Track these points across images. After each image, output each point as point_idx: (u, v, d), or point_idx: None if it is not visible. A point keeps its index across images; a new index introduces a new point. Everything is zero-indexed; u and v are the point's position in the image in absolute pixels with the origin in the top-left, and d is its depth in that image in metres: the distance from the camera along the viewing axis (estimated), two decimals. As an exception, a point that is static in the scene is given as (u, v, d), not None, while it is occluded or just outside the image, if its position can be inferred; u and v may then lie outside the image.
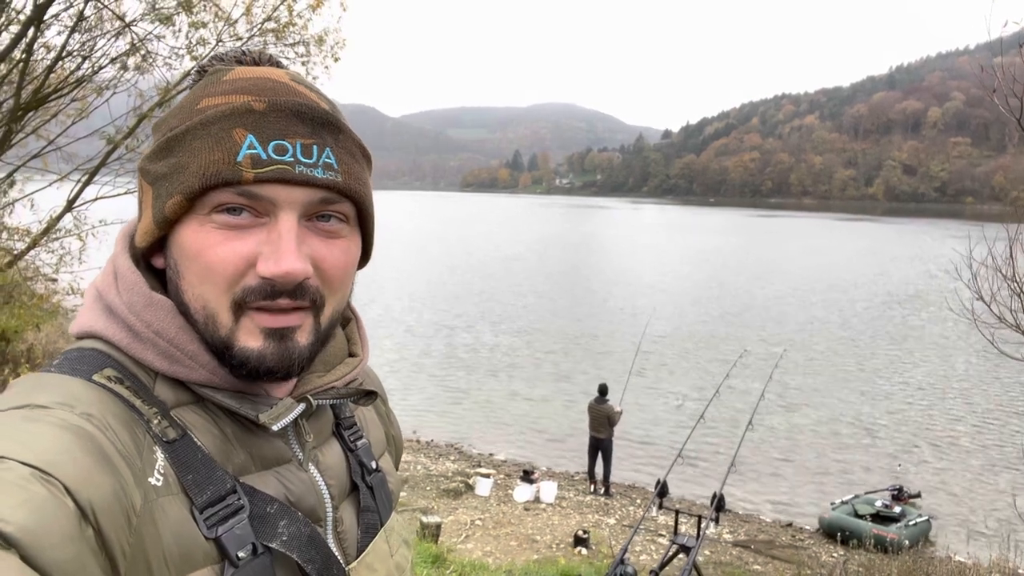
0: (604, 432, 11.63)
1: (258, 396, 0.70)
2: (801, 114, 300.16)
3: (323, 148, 0.68)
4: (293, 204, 0.66)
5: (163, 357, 0.67)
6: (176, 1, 8.58)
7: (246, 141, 0.65)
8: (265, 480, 0.69)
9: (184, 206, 0.65)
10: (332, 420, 0.82)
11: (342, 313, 0.75)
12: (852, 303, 32.50)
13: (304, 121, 0.67)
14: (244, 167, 0.64)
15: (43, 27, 8.15)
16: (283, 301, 0.65)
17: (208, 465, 0.65)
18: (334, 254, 0.69)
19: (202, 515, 0.62)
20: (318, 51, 10.00)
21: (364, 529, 0.78)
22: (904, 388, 18.95)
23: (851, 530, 10.18)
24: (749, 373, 15.90)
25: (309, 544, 0.67)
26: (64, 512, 0.51)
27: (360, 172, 0.72)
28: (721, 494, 4.54)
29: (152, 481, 0.60)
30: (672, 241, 69.89)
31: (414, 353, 21.13)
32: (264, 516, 0.65)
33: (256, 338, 0.66)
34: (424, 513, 8.81)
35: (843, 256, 56.51)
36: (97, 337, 0.69)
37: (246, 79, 0.69)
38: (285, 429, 0.73)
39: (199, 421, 0.67)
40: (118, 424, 0.60)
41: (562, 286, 36.12)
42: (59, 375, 0.63)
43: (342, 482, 0.78)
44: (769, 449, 14.03)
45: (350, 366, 0.80)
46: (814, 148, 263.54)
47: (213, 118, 0.66)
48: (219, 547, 0.62)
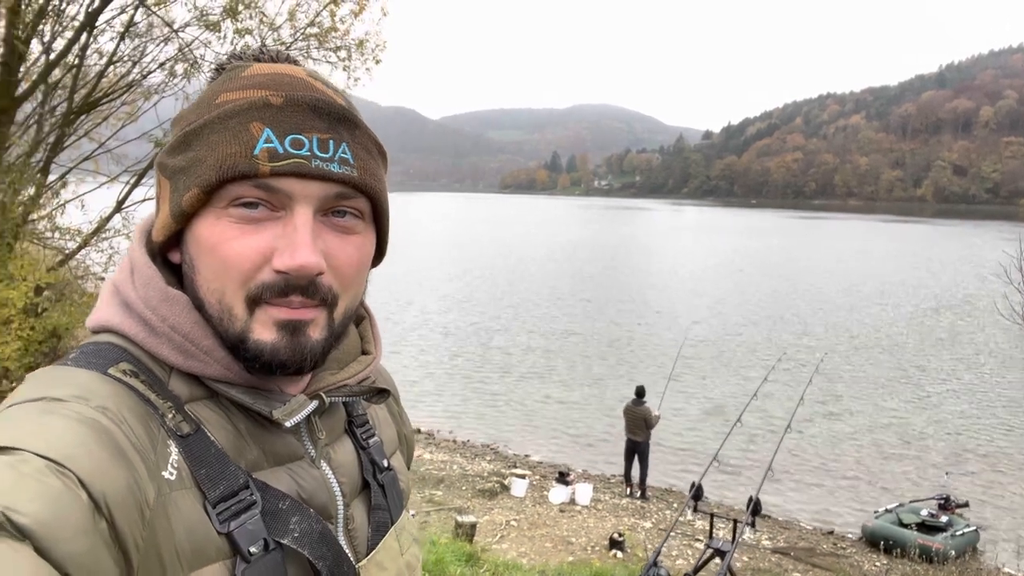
0: (641, 435, 11.54)
1: (272, 393, 0.70)
2: (846, 114, 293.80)
3: (339, 143, 0.68)
4: (309, 198, 0.66)
5: (178, 352, 0.67)
6: (221, 8, 8.79)
7: (263, 135, 0.65)
8: (278, 476, 0.69)
9: (201, 199, 0.66)
10: (344, 418, 0.82)
11: (356, 311, 0.75)
12: (897, 307, 31.70)
13: (321, 116, 0.68)
14: (261, 160, 0.64)
15: (95, 33, 8.42)
16: (295, 298, 0.65)
17: (221, 460, 0.65)
18: (348, 250, 0.69)
19: (215, 510, 0.62)
20: (359, 55, 10.14)
21: (375, 527, 0.78)
22: (952, 395, 18.40)
23: (895, 539, 9.93)
24: (788, 378, 15.64)
25: (321, 541, 0.67)
26: (78, 505, 0.51)
27: (376, 168, 0.72)
28: (757, 498, 4.47)
29: (165, 475, 0.60)
30: (711, 243, 69.00)
31: (451, 354, 21.24)
32: (276, 512, 0.66)
33: (270, 331, 0.66)
34: (459, 512, 8.86)
35: (889, 259, 55.15)
36: (113, 331, 0.69)
37: (264, 75, 0.70)
38: (298, 426, 0.74)
39: (213, 416, 0.67)
40: (133, 418, 0.61)
41: (599, 288, 35.94)
42: (75, 368, 0.63)
43: (354, 480, 0.78)
44: (810, 455, 13.77)
45: (363, 364, 0.80)
46: (860, 148, 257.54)
47: (231, 112, 0.67)
48: (231, 542, 0.62)
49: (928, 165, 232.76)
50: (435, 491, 10.66)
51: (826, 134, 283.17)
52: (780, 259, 53.20)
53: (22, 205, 8.35)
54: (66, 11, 8.17)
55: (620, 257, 53.37)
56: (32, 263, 7.74)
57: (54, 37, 8.13)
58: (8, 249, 7.77)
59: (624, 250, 60.15)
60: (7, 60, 6.91)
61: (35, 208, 8.36)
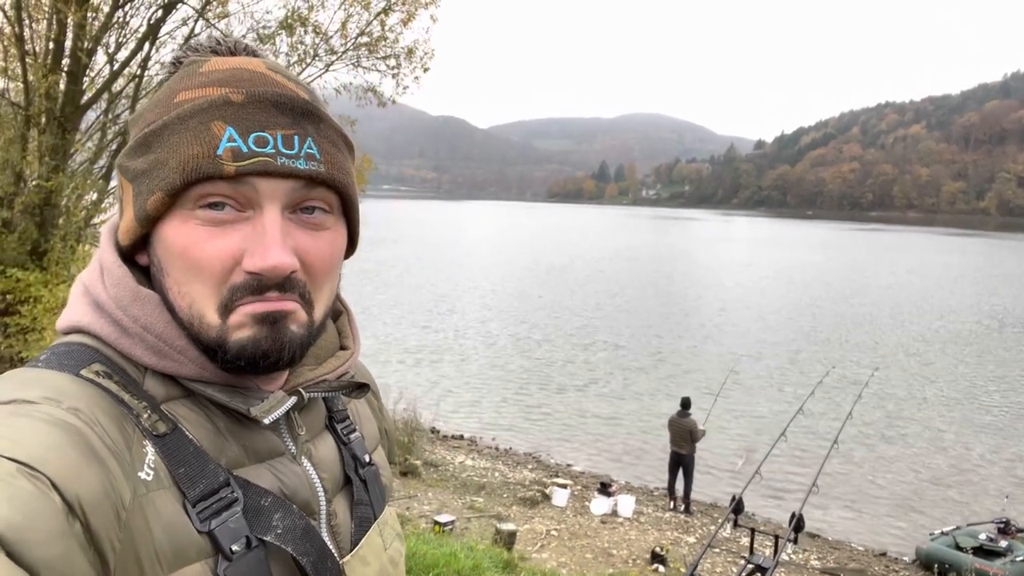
0: (685, 447, 11.36)
1: (249, 390, 0.69)
2: (906, 123, 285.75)
3: (304, 138, 0.66)
4: (276, 196, 0.64)
5: (151, 352, 0.66)
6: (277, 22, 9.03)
7: (225, 134, 0.63)
8: (259, 473, 0.68)
9: (166, 203, 0.64)
10: (325, 414, 0.81)
11: (332, 306, 0.74)
12: (956, 323, 30.60)
13: (284, 112, 0.66)
14: (225, 160, 0.63)
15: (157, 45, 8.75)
16: (272, 294, 0.64)
17: (200, 458, 0.64)
18: (319, 246, 0.68)
19: (195, 508, 0.61)
20: (408, 63, 10.31)
21: (358, 522, 0.77)
22: (1013, 416, 17.64)
23: (951, 563, 9.55)
24: (837, 393, 15.21)
25: (304, 537, 0.67)
26: (51, 508, 0.50)
27: (343, 161, 0.70)
28: (800, 514, 4.34)
29: (142, 475, 0.59)
30: (762, 255, 67.75)
31: (494, 362, 21.28)
32: (259, 509, 0.65)
33: (247, 328, 0.64)
34: (499, 520, 8.85)
35: (949, 273, 53.32)
36: (85, 332, 0.67)
37: (222, 70, 0.68)
38: (278, 422, 0.73)
39: (191, 415, 0.66)
40: (106, 419, 0.59)
41: (645, 300, 35.62)
42: (46, 370, 0.62)
43: (335, 475, 0.77)
44: (862, 474, 13.36)
45: (341, 359, 0.79)
46: (920, 159, 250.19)
47: (190, 112, 0.65)
48: (212, 540, 0.61)
49: (992, 177, 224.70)
50: (476, 498, 10.67)
51: (884, 144, 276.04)
52: (834, 273, 51.91)
53: (85, 209, 8.70)
54: (129, 24, 8.51)
55: (666, 269, 52.81)
56: (93, 265, 8.05)
57: (118, 48, 8.48)
58: (71, 251, 8.10)
59: (671, 261, 59.52)
60: (73, 70, 7.22)
61: (97, 212, 8.71)
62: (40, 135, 7.33)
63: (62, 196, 7.82)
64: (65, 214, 8.22)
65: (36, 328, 7.35)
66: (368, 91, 10.12)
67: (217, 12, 8.49)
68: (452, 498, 10.44)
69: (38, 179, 7.43)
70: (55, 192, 7.37)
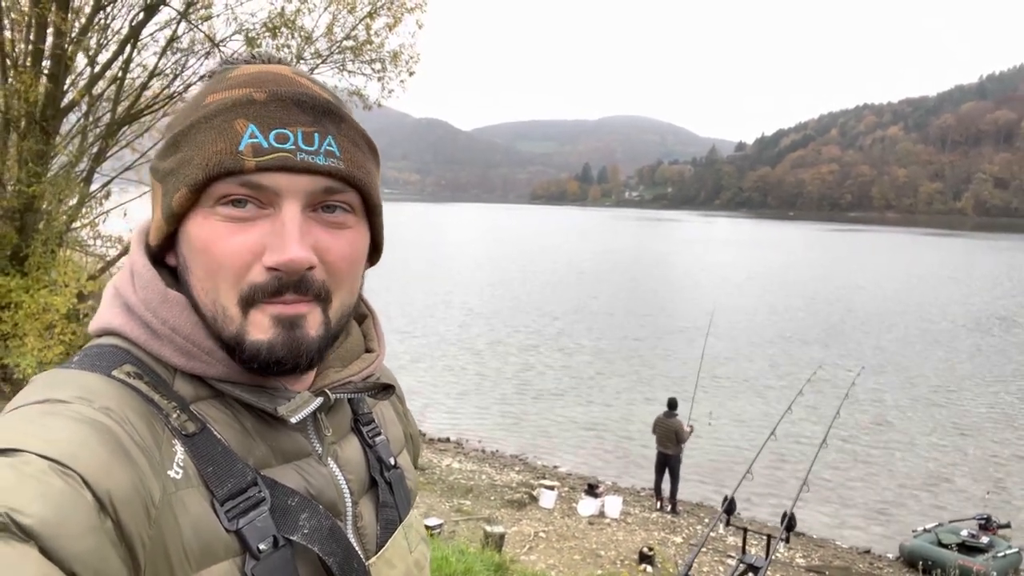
0: (671, 448, 11.41)
1: (276, 390, 0.70)
2: (884, 125, 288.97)
3: (324, 136, 0.68)
4: (296, 193, 0.66)
5: (180, 353, 0.67)
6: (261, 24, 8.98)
7: (247, 130, 0.65)
8: (286, 473, 0.69)
9: (190, 199, 0.66)
10: (350, 416, 0.82)
11: (353, 308, 0.75)
12: (936, 323, 30.99)
13: (305, 110, 0.68)
14: (246, 156, 0.64)
15: (139, 47, 8.65)
16: (288, 296, 0.66)
17: (228, 458, 0.65)
18: (339, 245, 0.69)
19: (223, 507, 0.62)
20: (393, 67, 10.29)
21: (383, 525, 0.78)
22: (992, 414, 17.88)
23: (934, 559, 9.66)
24: (825, 392, 15.36)
25: (330, 537, 0.67)
26: (82, 504, 0.51)
27: (364, 161, 0.72)
28: (792, 513, 4.38)
29: (171, 474, 0.60)
30: (744, 257, 68.24)
31: (480, 364, 21.26)
32: (285, 509, 0.66)
33: (265, 330, 0.66)
34: (488, 523, 8.83)
35: (929, 273, 54.00)
36: (116, 334, 0.69)
37: (248, 74, 0.70)
38: (304, 423, 0.74)
39: (219, 415, 0.67)
40: (137, 418, 0.60)
41: (629, 303, 35.75)
42: (79, 371, 0.63)
43: (361, 477, 0.78)
44: (846, 472, 13.48)
45: (367, 361, 0.80)
46: (898, 160, 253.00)
47: (216, 111, 0.67)
48: (240, 539, 0.62)
49: (968, 177, 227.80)
50: (463, 501, 10.65)
51: (863, 146, 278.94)
52: (815, 273, 52.39)
53: (66, 214, 8.59)
54: (111, 25, 8.42)
55: (649, 271, 53.03)
56: (75, 270, 7.94)
57: (99, 50, 8.38)
58: (52, 256, 7.99)
59: (653, 263, 59.77)
60: (54, 72, 7.13)
61: (78, 216, 8.59)
62: (20, 140, 7.23)
63: (43, 201, 7.71)
64: (46, 219, 8.11)
65: (17, 334, 7.24)
66: (353, 94, 10.09)
67: (200, 14, 8.41)
68: (439, 501, 10.41)
69: (17, 183, 7.32)
70: (36, 197, 7.27)
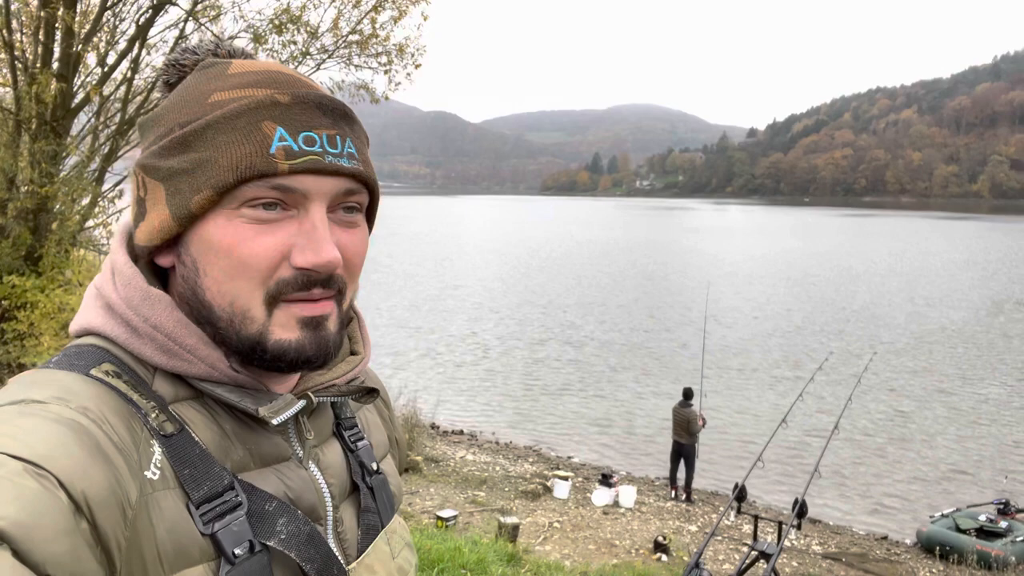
0: (686, 437, 11.40)
1: (258, 391, 0.70)
2: (897, 108, 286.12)
3: (345, 138, 0.69)
4: (323, 195, 0.67)
5: (161, 352, 0.66)
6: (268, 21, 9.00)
7: (276, 133, 0.65)
8: (264, 477, 0.68)
9: (213, 200, 0.65)
10: (333, 420, 0.82)
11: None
12: (953, 308, 30.70)
13: (326, 112, 0.69)
14: (278, 159, 0.64)
15: (148, 47, 8.70)
16: (317, 291, 0.67)
17: (206, 460, 0.64)
18: (355, 243, 0.71)
19: (198, 511, 0.61)
20: (400, 60, 10.28)
21: (365, 530, 0.77)
22: (1012, 394, 17.72)
23: (952, 545, 9.61)
24: (836, 379, 15.27)
25: (308, 543, 0.67)
26: (57, 506, 0.50)
27: (371, 162, 0.74)
28: (803, 500, 4.37)
29: (148, 474, 0.59)
30: (757, 244, 67.82)
31: (494, 356, 21.30)
32: (262, 514, 0.65)
33: (292, 330, 0.66)
34: (502, 514, 8.88)
35: (945, 257, 53.47)
36: (96, 333, 0.68)
37: (256, 72, 0.70)
38: (285, 426, 0.73)
39: (198, 417, 0.67)
40: (115, 418, 0.60)
41: (644, 292, 35.66)
42: (57, 371, 0.63)
43: (342, 482, 0.77)
44: (861, 458, 13.41)
45: (352, 364, 0.79)
46: (912, 144, 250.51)
47: (237, 111, 0.66)
48: (215, 543, 0.61)
49: (984, 160, 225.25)
50: (478, 492, 10.70)
51: (876, 129, 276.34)
52: (827, 260, 52.01)
53: (79, 214, 8.67)
54: (119, 26, 8.46)
55: (662, 260, 52.83)
56: (89, 269, 8.02)
57: (107, 51, 8.44)
58: (66, 256, 8.08)
59: (666, 252, 59.51)
60: (63, 73, 7.18)
61: (91, 215, 8.67)
62: (33, 141, 7.30)
63: (56, 201, 7.79)
64: (59, 219, 8.19)
65: (33, 334, 7.33)
66: (360, 88, 10.09)
67: (208, 13, 8.44)
68: (454, 493, 10.46)
69: (31, 184, 7.39)
70: (49, 198, 7.34)
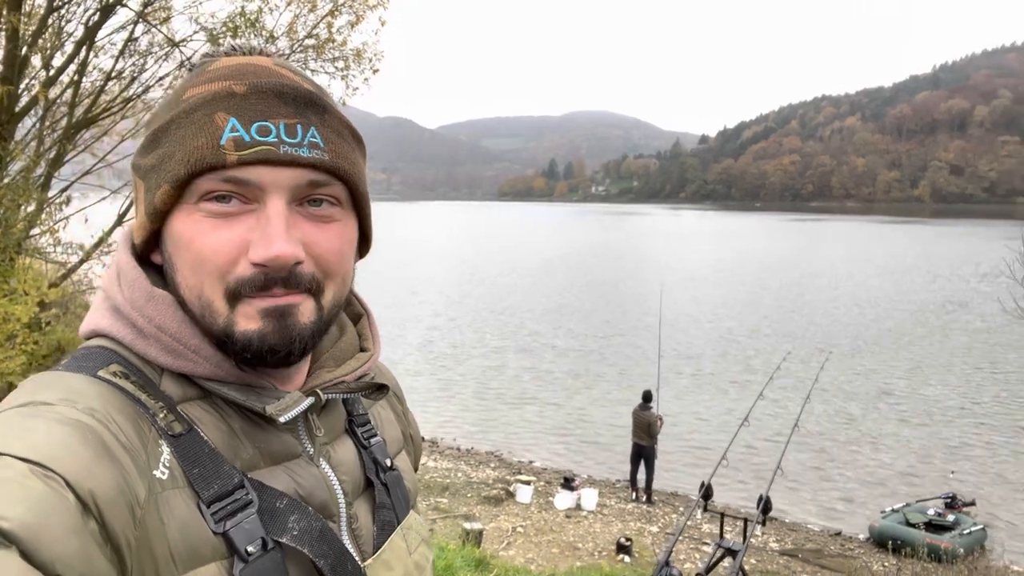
0: (646, 439, 11.53)
1: (265, 390, 0.69)
2: (842, 116, 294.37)
3: (307, 127, 0.66)
4: (280, 187, 0.65)
5: (167, 352, 0.66)
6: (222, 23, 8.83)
7: (228, 124, 0.64)
8: (275, 475, 0.68)
9: (173, 195, 0.65)
10: (345, 417, 0.81)
11: (345, 300, 0.74)
12: (900, 308, 31.70)
13: (287, 101, 0.66)
14: (227, 150, 0.63)
15: (96, 49, 8.45)
16: (277, 290, 0.65)
17: (215, 459, 0.64)
18: (327, 237, 0.68)
19: (209, 509, 0.61)
20: (357, 65, 10.18)
21: (380, 526, 0.77)
22: (957, 391, 18.39)
23: (903, 539, 9.90)
24: (793, 378, 15.63)
25: (321, 539, 0.66)
26: (65, 505, 0.50)
27: (349, 152, 0.70)
28: (768, 497, 4.47)
29: (157, 474, 0.59)
30: (709, 249, 69.01)
31: (454, 362, 21.23)
32: (274, 511, 0.65)
33: (255, 321, 0.65)
34: (466, 520, 8.84)
35: (890, 260, 55.19)
36: (104, 335, 0.68)
37: (229, 66, 0.69)
38: (295, 424, 0.73)
39: (206, 416, 0.66)
40: (122, 418, 0.60)
41: (597, 298, 35.95)
42: (65, 373, 0.63)
43: (356, 478, 0.77)
44: (815, 456, 13.74)
45: (361, 361, 0.79)
46: (856, 150, 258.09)
47: (195, 105, 0.66)
48: (227, 542, 0.61)
49: (925, 165, 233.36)
50: (440, 499, 10.64)
51: (822, 136, 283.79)
52: (777, 264, 53.22)
53: (24, 220, 8.36)
54: (65, 28, 8.21)
55: (617, 265, 53.35)
56: (36, 278, 7.74)
57: (53, 53, 8.17)
58: (11, 264, 7.78)
59: (621, 257, 60.12)
60: (7, 75, 6.94)
61: (37, 222, 8.37)
62: (-26, 145, 7.03)
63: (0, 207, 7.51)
64: (3, 226, 7.89)
65: (-24, 345, 7.03)
66: (318, 93, 9.97)
67: (158, 15, 8.24)
68: (416, 500, 10.39)
69: (-28, 190, 7.11)
70: (-7, 204, 7.07)
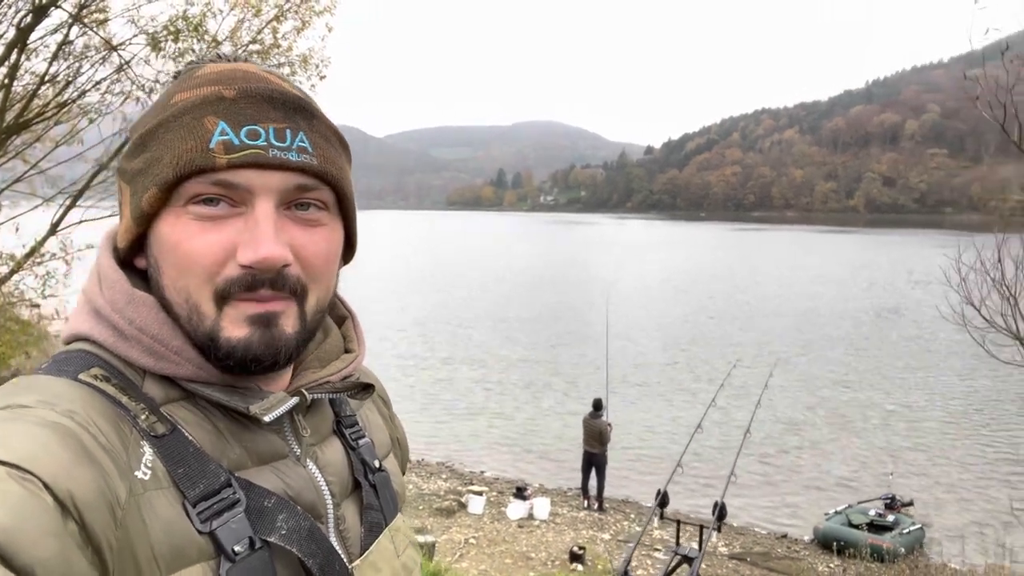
0: (598, 447, 11.59)
1: (249, 390, 0.69)
2: (781, 128, 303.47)
3: (296, 132, 0.67)
4: (269, 190, 0.65)
5: (149, 354, 0.66)
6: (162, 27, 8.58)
7: (218, 128, 0.64)
8: (263, 475, 0.68)
9: (160, 199, 0.65)
10: (332, 418, 0.81)
11: (329, 305, 0.74)
12: (839, 314, 32.74)
13: (276, 106, 0.67)
14: (217, 153, 0.63)
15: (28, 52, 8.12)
16: (264, 292, 0.65)
17: (200, 459, 0.63)
18: (314, 241, 0.68)
19: (195, 509, 0.61)
20: (303, 71, 10.03)
21: (368, 528, 0.77)
22: (895, 396, 19.05)
23: (846, 540, 10.18)
24: (742, 386, 15.93)
25: (309, 538, 0.66)
26: (42, 508, 0.50)
27: (336, 157, 0.71)
28: (723, 503, 4.52)
29: (138, 475, 0.59)
30: (654, 258, 70.19)
31: (401, 374, 21.01)
32: (262, 510, 0.64)
33: (241, 327, 0.65)
34: (418, 532, 8.72)
35: (829, 268, 57.01)
36: (85, 339, 0.68)
37: (217, 72, 0.69)
38: (281, 424, 0.73)
39: (191, 417, 0.66)
40: (103, 420, 0.59)
41: (545, 308, 36.13)
42: (45, 376, 0.63)
43: (343, 479, 0.77)
44: (761, 461, 14.03)
45: (345, 362, 0.79)
46: (795, 162, 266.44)
47: (184, 109, 0.66)
48: (214, 541, 0.61)
49: (859, 177, 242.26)
50: (392, 512, 10.49)
51: (762, 148, 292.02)
52: (720, 273, 54.44)
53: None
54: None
55: (563, 274, 53.78)
56: (-38, 289, 7.38)
57: (-18, 55, 7.81)
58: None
59: (567, 266, 60.64)
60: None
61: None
62: None
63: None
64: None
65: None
66: (263, 100, 9.79)
67: (95, 17, 7.96)
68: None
69: None
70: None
